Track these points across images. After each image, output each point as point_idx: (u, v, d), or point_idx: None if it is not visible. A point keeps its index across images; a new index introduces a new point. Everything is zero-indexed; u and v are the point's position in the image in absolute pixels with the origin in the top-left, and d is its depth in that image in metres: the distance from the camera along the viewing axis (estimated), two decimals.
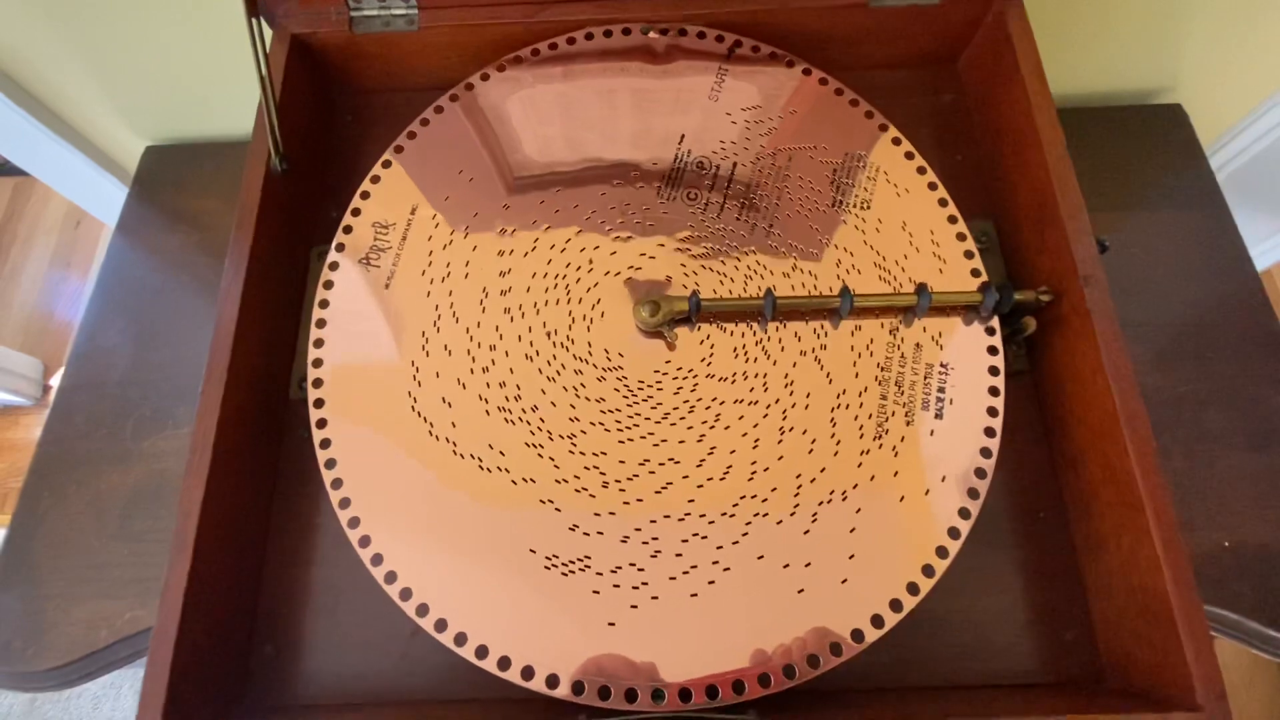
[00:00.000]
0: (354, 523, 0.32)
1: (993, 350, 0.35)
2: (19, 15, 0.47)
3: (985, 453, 0.33)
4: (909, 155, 0.40)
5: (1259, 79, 0.54)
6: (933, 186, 0.39)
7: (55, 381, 1.10)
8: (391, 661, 0.35)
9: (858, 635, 0.30)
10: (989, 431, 0.34)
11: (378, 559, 0.32)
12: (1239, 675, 0.72)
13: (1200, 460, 0.41)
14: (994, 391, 0.35)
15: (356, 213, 0.39)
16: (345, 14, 0.42)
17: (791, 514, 0.33)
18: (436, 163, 0.40)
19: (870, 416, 0.34)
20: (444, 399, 0.35)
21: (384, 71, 0.46)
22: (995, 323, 0.36)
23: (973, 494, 0.32)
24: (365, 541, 0.32)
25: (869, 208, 0.38)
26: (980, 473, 0.33)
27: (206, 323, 0.36)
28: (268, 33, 0.42)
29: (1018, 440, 0.38)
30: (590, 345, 0.37)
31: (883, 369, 0.35)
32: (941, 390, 0.34)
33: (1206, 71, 0.54)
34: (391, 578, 0.31)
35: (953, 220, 0.38)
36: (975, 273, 0.37)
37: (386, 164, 0.40)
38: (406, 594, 0.31)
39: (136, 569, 0.41)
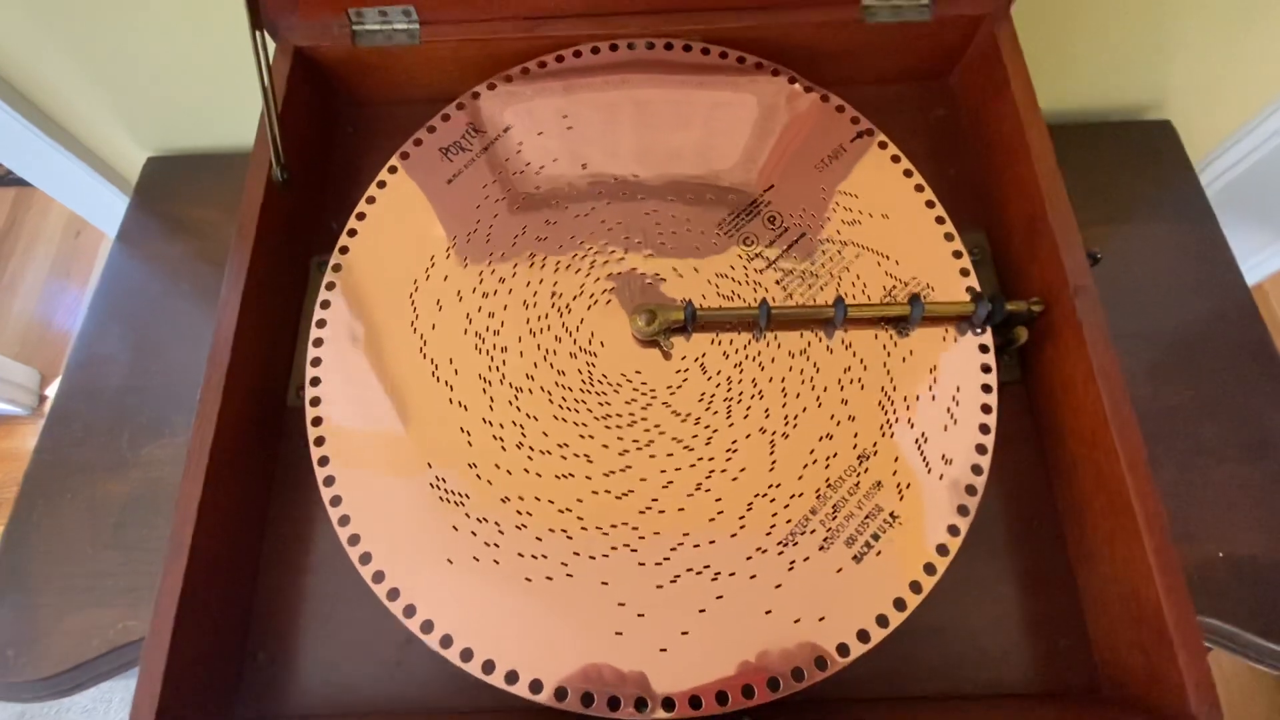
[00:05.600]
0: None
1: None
2: (23, 24, 0.48)
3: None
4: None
5: (1247, 95, 0.55)
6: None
7: (51, 391, 1.10)
8: (386, 670, 0.34)
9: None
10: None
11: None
12: (1239, 690, 0.72)
13: (1194, 472, 0.41)
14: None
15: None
16: (347, 27, 0.43)
17: (657, 564, 0.32)
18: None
19: (788, 522, 0.32)
20: (438, 301, 0.37)
21: (385, 84, 0.46)
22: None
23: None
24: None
25: (907, 334, 0.36)
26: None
27: (205, 331, 0.36)
28: (270, 45, 0.43)
29: (1010, 450, 0.38)
30: (581, 322, 0.37)
31: (830, 486, 0.33)
32: (875, 538, 0.32)
33: (1195, 88, 0.54)
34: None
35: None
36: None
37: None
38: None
39: (130, 578, 0.41)
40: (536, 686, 0.29)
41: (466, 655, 0.30)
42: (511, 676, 0.30)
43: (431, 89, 0.46)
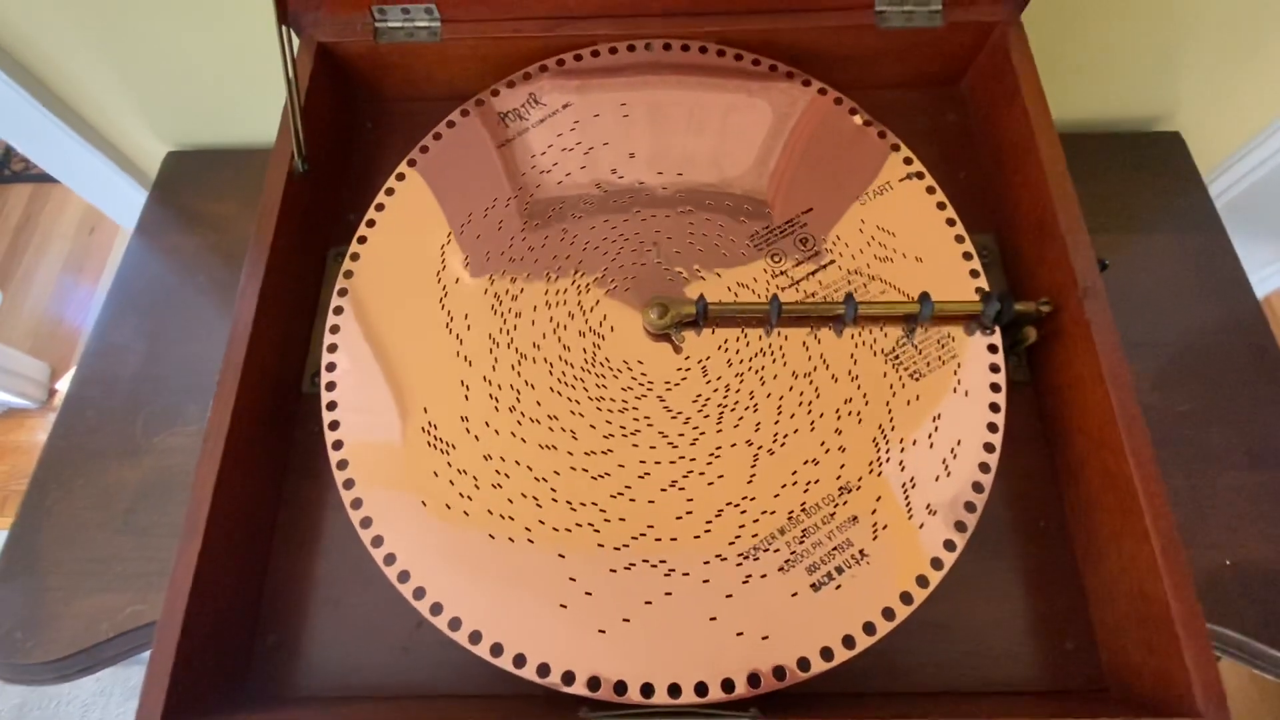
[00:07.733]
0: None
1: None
2: (48, 19, 0.49)
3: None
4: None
5: (1257, 108, 0.55)
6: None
7: (61, 385, 1.11)
8: (394, 654, 0.35)
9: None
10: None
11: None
12: (1244, 700, 0.71)
13: (1201, 479, 0.42)
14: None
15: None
16: (370, 24, 0.44)
17: (616, 548, 0.32)
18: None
19: (754, 536, 0.32)
20: (466, 258, 0.39)
21: (405, 81, 0.47)
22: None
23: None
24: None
25: (919, 379, 0.35)
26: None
27: (220, 322, 0.37)
28: (294, 41, 0.44)
29: (1018, 450, 0.38)
30: (597, 303, 0.38)
31: (804, 510, 0.33)
32: (839, 570, 0.31)
33: (1206, 100, 0.55)
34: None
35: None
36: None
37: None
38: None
39: (140, 563, 0.41)
40: (475, 637, 0.30)
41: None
42: (455, 624, 0.30)
43: (450, 86, 0.47)
